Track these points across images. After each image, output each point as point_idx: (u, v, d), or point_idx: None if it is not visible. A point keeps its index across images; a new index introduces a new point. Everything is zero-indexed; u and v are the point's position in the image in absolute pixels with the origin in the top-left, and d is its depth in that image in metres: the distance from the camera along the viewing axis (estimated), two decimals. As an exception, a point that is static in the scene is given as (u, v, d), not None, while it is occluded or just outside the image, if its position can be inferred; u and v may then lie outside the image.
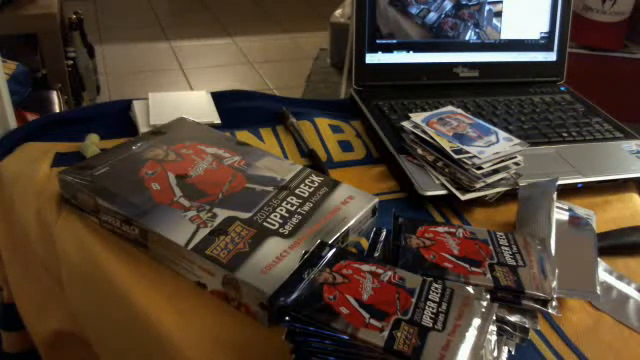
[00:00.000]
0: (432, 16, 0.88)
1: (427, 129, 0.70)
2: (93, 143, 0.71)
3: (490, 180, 0.66)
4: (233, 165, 0.62)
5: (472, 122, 0.73)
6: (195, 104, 0.83)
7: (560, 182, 0.64)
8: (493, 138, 0.69)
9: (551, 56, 0.95)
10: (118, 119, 0.79)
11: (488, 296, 0.47)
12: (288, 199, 0.58)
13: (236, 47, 3.24)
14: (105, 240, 0.56)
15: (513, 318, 0.49)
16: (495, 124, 0.78)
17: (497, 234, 0.55)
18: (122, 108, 0.81)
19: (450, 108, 0.76)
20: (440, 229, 0.55)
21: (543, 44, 0.94)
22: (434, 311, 0.45)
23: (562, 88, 0.95)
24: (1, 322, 0.69)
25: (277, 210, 0.56)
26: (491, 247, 0.53)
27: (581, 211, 0.65)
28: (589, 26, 1.57)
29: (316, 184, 0.61)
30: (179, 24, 3.52)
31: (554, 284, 0.50)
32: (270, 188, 0.59)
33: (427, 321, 0.44)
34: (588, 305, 0.56)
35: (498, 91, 0.90)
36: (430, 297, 0.46)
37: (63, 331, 0.59)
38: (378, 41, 0.87)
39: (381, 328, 0.41)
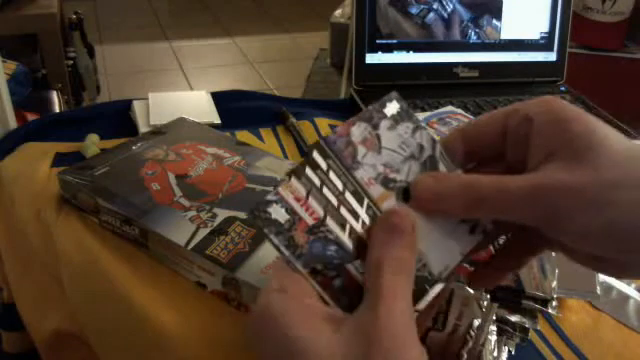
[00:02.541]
0: (432, 16, 0.88)
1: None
2: (93, 143, 0.70)
3: (490, 180, 0.66)
4: (233, 165, 0.62)
5: (472, 122, 0.73)
6: (195, 104, 0.83)
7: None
8: (493, 138, 0.69)
9: (551, 56, 0.95)
10: (118, 119, 0.79)
11: (488, 296, 0.47)
12: (288, 199, 0.58)
13: (236, 47, 3.24)
14: (105, 240, 0.56)
15: (513, 318, 0.49)
16: (495, 124, 0.77)
17: (497, 234, 0.55)
18: (122, 108, 0.81)
19: (450, 108, 0.76)
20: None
21: (543, 44, 0.94)
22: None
23: (562, 88, 0.95)
24: (1, 322, 0.69)
25: (277, 210, 0.56)
26: (491, 247, 0.53)
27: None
28: (589, 26, 1.57)
29: (316, 184, 0.61)
30: (179, 24, 3.52)
31: (554, 284, 0.50)
32: (270, 188, 0.59)
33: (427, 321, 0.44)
34: (588, 305, 0.56)
35: (498, 91, 0.90)
36: (430, 297, 0.46)
37: (63, 331, 0.59)
38: (378, 41, 0.87)
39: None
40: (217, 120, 0.79)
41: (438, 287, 0.31)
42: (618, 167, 0.27)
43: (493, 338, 0.45)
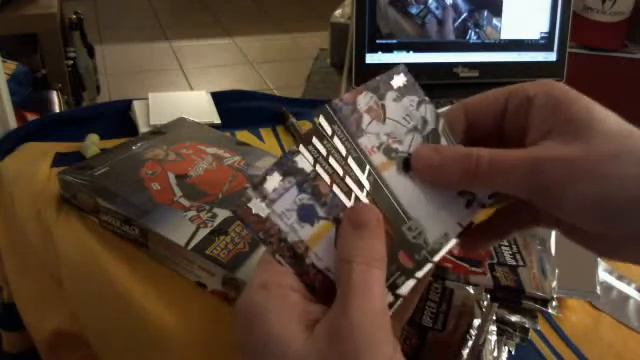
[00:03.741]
0: (432, 16, 0.88)
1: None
2: (93, 143, 0.70)
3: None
4: (233, 165, 0.62)
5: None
6: (195, 104, 0.83)
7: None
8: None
9: (551, 56, 0.95)
10: (118, 119, 0.79)
11: (488, 296, 0.47)
12: (288, 199, 0.58)
13: (236, 47, 3.24)
14: (105, 240, 0.56)
15: (513, 318, 0.49)
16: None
17: (497, 234, 0.55)
18: (122, 108, 0.81)
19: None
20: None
21: (543, 44, 0.94)
22: (434, 311, 0.45)
23: (562, 88, 0.94)
24: (1, 322, 0.69)
25: (277, 210, 0.56)
26: (491, 247, 0.53)
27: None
28: (589, 26, 1.56)
29: (316, 184, 0.61)
30: (179, 24, 3.52)
31: (554, 284, 0.50)
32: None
33: (427, 321, 0.44)
34: (588, 305, 0.56)
35: (498, 91, 0.90)
36: (430, 297, 0.46)
37: (63, 331, 0.59)
38: (378, 41, 0.87)
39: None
40: (217, 120, 0.79)
41: (440, 254, 0.31)
42: (614, 143, 0.28)
43: (493, 338, 0.45)
